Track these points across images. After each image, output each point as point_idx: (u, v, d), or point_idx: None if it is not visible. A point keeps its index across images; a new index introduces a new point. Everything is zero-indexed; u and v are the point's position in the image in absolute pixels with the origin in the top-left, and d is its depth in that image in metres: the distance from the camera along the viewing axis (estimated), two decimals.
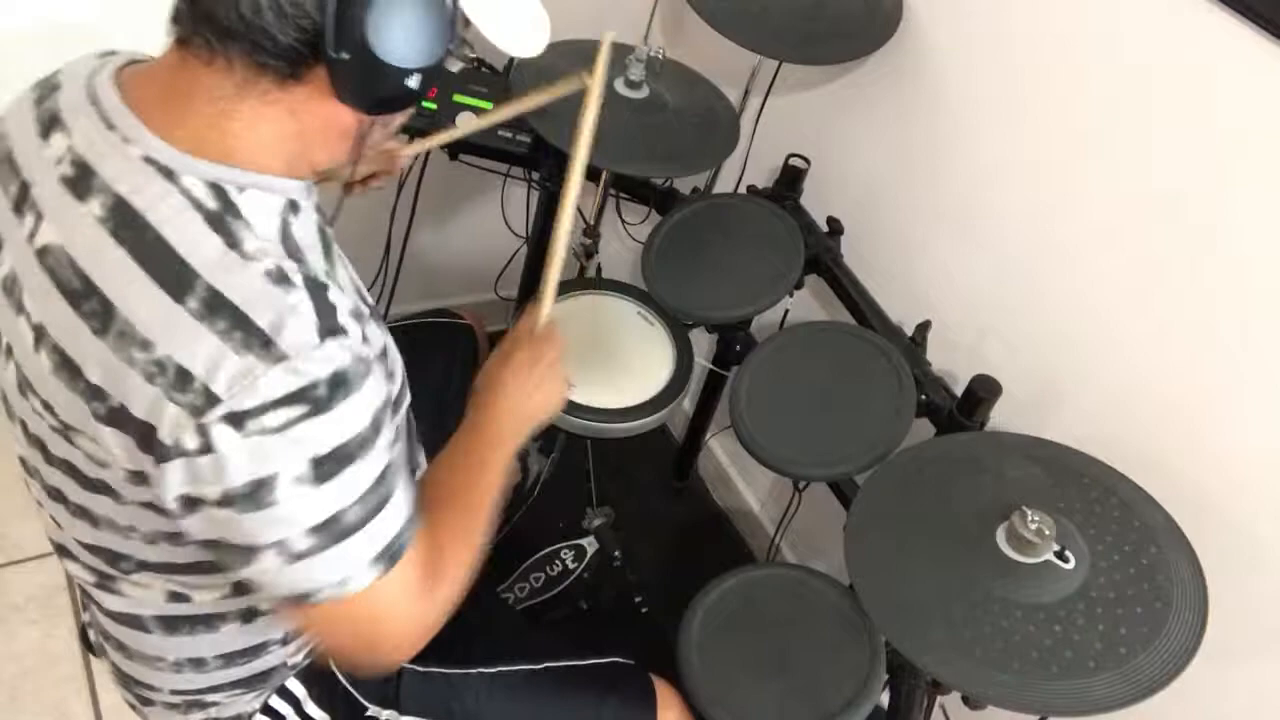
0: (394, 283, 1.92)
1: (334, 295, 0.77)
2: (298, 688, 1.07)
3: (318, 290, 0.76)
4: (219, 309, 0.72)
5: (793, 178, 1.54)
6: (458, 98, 1.56)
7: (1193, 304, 1.12)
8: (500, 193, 1.97)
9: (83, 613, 1.11)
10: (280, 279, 0.75)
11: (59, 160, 0.78)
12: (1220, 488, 1.12)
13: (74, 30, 1.43)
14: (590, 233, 1.75)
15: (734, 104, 1.56)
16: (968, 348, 1.41)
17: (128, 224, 0.74)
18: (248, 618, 0.97)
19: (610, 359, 1.50)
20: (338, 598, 0.80)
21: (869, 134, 1.54)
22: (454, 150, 1.63)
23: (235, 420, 0.71)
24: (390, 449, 0.81)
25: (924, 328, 1.37)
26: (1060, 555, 1.00)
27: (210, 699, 1.03)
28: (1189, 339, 1.13)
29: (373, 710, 1.10)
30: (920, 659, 0.98)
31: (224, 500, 0.74)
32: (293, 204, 0.81)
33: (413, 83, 0.78)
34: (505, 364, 1.02)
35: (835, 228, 1.50)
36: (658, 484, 2.06)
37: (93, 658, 1.28)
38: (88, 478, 0.83)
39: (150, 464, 0.75)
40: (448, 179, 1.84)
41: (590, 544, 1.62)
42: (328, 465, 0.75)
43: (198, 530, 0.78)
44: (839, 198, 1.58)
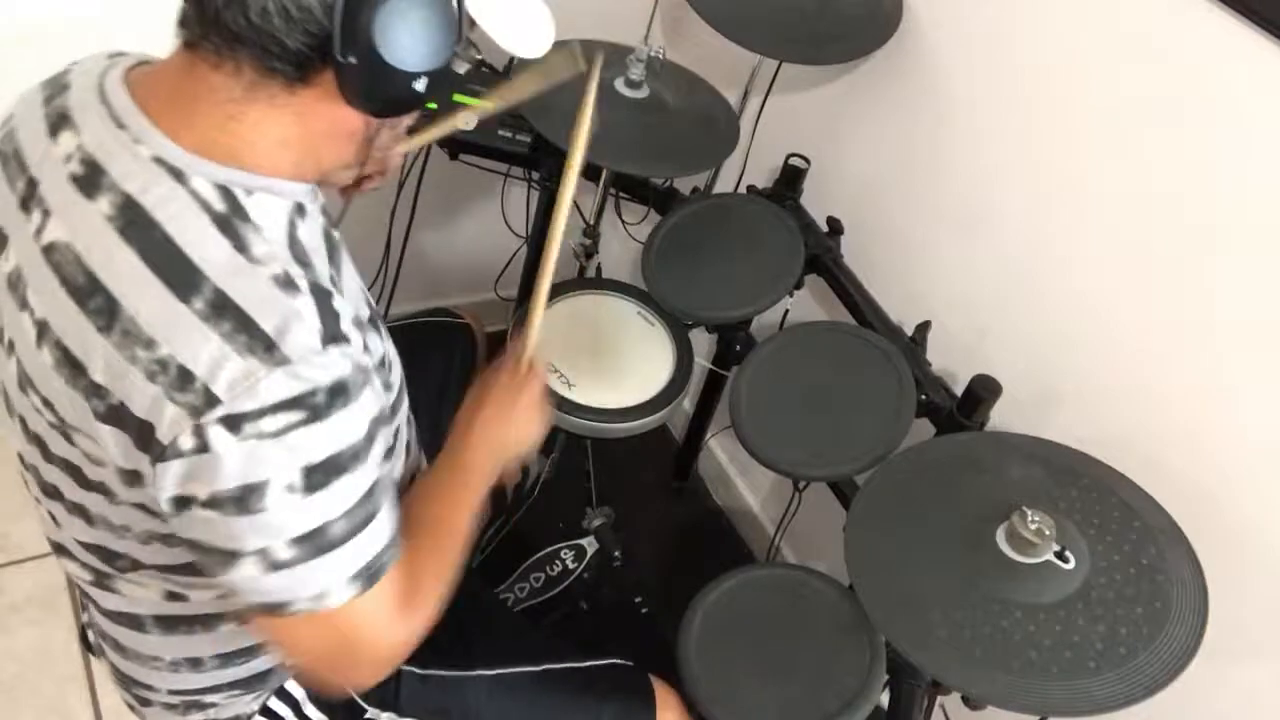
0: (394, 282, 1.92)
1: (338, 302, 0.78)
2: (297, 689, 1.07)
3: (322, 297, 0.77)
4: (224, 311, 0.72)
5: (792, 177, 1.54)
6: (458, 97, 1.55)
7: (1192, 304, 1.12)
8: (500, 193, 1.97)
9: (82, 613, 1.11)
10: (286, 284, 0.75)
11: (68, 158, 0.78)
12: (1220, 488, 1.12)
13: (77, 29, 1.43)
14: (590, 233, 1.75)
15: (734, 104, 1.56)
16: (968, 348, 1.41)
17: (136, 223, 0.74)
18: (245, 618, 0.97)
19: (610, 359, 1.50)
20: (312, 611, 0.79)
21: (869, 134, 1.54)
22: (454, 150, 1.63)
23: (232, 423, 0.71)
24: (380, 464, 0.81)
25: (924, 328, 1.37)
26: (1060, 555, 1.00)
27: (208, 700, 1.03)
28: (1189, 339, 1.13)
29: (372, 712, 1.10)
30: (920, 659, 0.98)
31: (211, 502, 0.74)
32: (299, 207, 0.81)
33: (420, 85, 0.78)
34: (488, 395, 1.02)
35: (835, 228, 1.50)
36: (658, 484, 2.06)
37: (92, 658, 1.28)
38: (86, 478, 0.83)
39: (146, 463, 0.75)
40: (448, 179, 1.84)
41: (590, 544, 1.62)
42: (319, 475, 0.75)
43: (183, 530, 0.78)
44: (839, 198, 1.58)
